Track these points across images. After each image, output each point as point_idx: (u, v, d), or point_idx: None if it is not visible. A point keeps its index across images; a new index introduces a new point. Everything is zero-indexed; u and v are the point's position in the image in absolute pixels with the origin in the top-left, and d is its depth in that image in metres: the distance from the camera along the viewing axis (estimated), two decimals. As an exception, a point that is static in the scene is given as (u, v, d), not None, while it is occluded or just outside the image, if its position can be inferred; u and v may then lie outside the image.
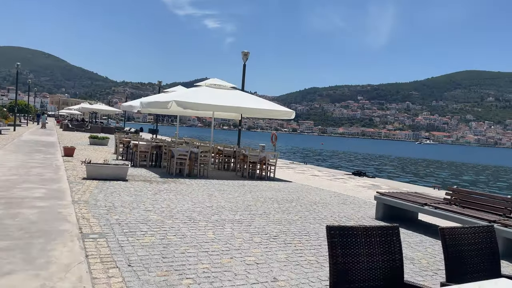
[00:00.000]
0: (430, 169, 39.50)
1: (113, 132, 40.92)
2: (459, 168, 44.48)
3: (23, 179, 8.78)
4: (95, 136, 22.07)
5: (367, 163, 41.38)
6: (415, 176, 29.87)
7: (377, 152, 72.40)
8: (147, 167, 13.19)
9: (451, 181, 26.99)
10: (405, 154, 71.16)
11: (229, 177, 12.49)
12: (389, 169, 34.94)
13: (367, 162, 42.43)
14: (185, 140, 18.90)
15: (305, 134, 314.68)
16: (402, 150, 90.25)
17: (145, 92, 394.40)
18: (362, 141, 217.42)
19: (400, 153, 72.00)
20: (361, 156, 55.95)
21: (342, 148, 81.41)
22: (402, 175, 28.49)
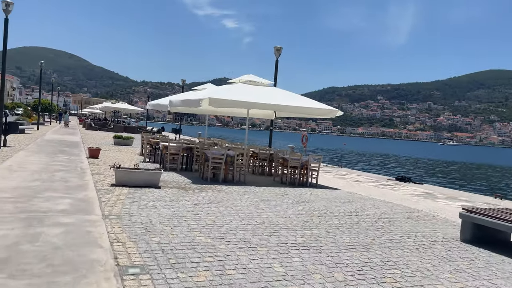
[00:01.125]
0: (470, 172, 37.50)
1: (135, 131, 40.34)
2: (501, 171, 42.20)
3: (45, 186, 7.80)
4: (119, 136, 21.24)
5: (400, 165, 39.65)
6: (461, 180, 28.12)
7: (402, 153, 70.15)
8: (178, 171, 12.15)
9: (502, 188, 25.18)
10: (433, 155, 68.72)
11: (268, 183, 11.32)
12: (424, 172, 33.17)
13: (400, 165, 40.67)
14: (213, 141, 17.85)
15: (324, 134, 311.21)
16: (428, 151, 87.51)
17: (165, 91, 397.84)
18: (383, 141, 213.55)
19: (427, 155, 69.60)
20: (390, 158, 54.05)
21: (365, 148, 79.38)
22: (444, 180, 26.79)
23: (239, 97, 10.83)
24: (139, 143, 22.83)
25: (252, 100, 10.82)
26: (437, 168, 40.15)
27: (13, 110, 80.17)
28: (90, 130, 36.75)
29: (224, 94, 10.83)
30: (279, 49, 17.76)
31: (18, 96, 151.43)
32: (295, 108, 11.48)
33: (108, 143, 21.60)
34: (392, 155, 61.70)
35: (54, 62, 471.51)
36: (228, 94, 10.91)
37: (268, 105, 11.11)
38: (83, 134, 28.72)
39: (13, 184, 7.74)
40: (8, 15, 13.58)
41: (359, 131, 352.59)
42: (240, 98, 10.74)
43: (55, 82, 68.00)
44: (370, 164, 38.87)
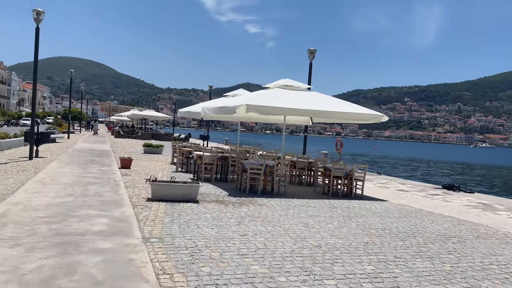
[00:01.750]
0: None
1: (163, 138, 40.34)
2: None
3: (80, 202, 7.34)
4: (149, 144, 20.96)
5: (438, 170, 38.05)
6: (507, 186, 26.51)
7: (436, 157, 67.80)
8: (212, 181, 11.58)
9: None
10: (468, 159, 66.05)
11: (309, 194, 10.59)
12: (466, 178, 31.55)
13: (438, 169, 39.04)
14: (245, 148, 17.26)
15: (350, 137, 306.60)
16: (462, 154, 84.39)
17: (189, 97, 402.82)
18: (412, 144, 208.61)
19: (462, 158, 66.99)
20: (424, 162, 52.17)
21: (396, 152, 77.27)
22: (490, 186, 25.28)
23: (277, 103, 10.18)
24: (168, 151, 22.54)
25: (290, 106, 10.15)
26: (477, 172, 38.27)
27: (44, 118, 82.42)
28: (119, 138, 36.94)
29: (261, 100, 10.20)
30: (313, 52, 17.05)
31: (49, 105, 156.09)
32: (337, 114, 10.72)
33: (138, 151, 21.36)
34: (426, 159, 59.64)
35: (82, 71, 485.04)
36: (265, 100, 10.28)
37: (307, 111, 10.42)
38: (113, 142, 28.74)
39: (47, 200, 7.32)
40: (39, 24, 13.43)
41: (386, 134, 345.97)
42: (278, 104, 10.09)
43: (84, 90, 69.38)
44: (407, 170, 37.42)
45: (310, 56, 17.07)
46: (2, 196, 7.44)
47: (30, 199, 7.28)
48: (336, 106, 10.94)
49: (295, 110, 10.10)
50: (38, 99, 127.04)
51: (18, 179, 9.59)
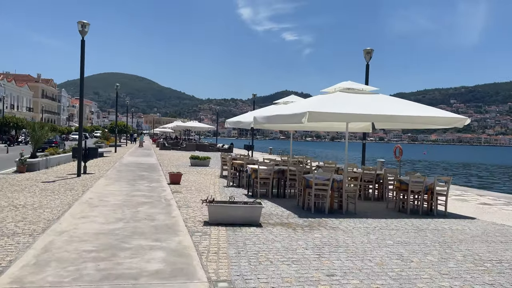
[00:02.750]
0: None
1: (207, 149, 39.93)
2: None
3: (130, 229, 6.45)
4: (195, 156, 20.26)
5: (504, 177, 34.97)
6: None
7: (494, 161, 63.26)
8: (269, 197, 10.48)
9: None
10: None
11: (382, 212, 9.24)
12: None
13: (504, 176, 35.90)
14: (298, 159, 16.07)
15: (393, 142, 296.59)
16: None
17: (228, 107, 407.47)
18: (461, 148, 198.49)
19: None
20: (483, 167, 48.57)
21: (448, 157, 73.03)
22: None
23: (341, 108, 8.94)
24: (215, 163, 21.78)
25: (357, 112, 8.89)
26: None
27: (92, 132, 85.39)
28: (164, 150, 36.86)
29: (323, 107, 8.99)
30: (370, 52, 15.69)
31: (96, 119, 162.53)
32: (413, 119, 9.29)
33: (184, 164, 20.73)
34: (483, 163, 55.71)
35: (127, 86, 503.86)
36: (328, 106, 9.06)
37: (377, 117, 9.08)
38: (158, 155, 28.45)
39: (94, 227, 6.49)
40: (84, 36, 13.02)
41: (432, 138, 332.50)
42: (344, 110, 8.85)
43: (128, 104, 70.97)
44: (467, 176, 34.66)
45: (367, 56, 15.72)
46: (47, 223, 6.71)
47: (76, 226, 6.48)
48: (410, 110, 9.53)
49: (364, 116, 8.85)
50: (86, 114, 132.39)
51: (65, 200, 8.94)
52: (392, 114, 9.08)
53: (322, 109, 8.79)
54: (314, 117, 8.62)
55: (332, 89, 10.95)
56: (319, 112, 8.67)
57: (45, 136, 16.85)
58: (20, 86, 74.27)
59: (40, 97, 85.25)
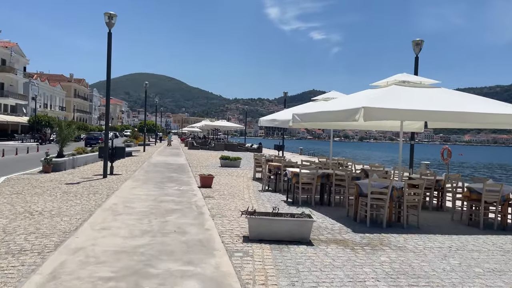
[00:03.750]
0: None
1: (235, 149, 38.98)
2: None
3: (158, 246, 5.40)
4: (226, 157, 19.24)
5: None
6: None
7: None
8: (312, 205, 9.27)
9: None
10: None
11: (448, 225, 7.86)
12: None
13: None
14: (338, 160, 14.75)
15: (425, 143, 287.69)
16: None
17: (255, 107, 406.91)
18: (497, 149, 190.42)
19: None
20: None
21: (486, 159, 69.40)
22: None
23: (403, 104, 7.62)
24: (246, 164, 20.72)
25: (422, 108, 7.55)
26: None
27: (122, 131, 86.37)
28: (192, 150, 36.17)
29: (378, 102, 7.70)
30: (419, 43, 14.13)
31: (126, 119, 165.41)
32: (489, 117, 7.79)
33: (214, 165, 19.75)
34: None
35: (156, 86, 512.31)
36: (383, 102, 7.75)
37: (448, 114, 7.68)
38: (187, 155, 27.67)
39: (116, 243, 5.48)
40: (111, 29, 12.19)
41: (466, 138, 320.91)
42: (406, 106, 7.54)
43: (158, 104, 71.13)
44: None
45: (416, 48, 14.17)
46: (62, 235, 5.75)
47: (95, 241, 5.48)
48: (484, 107, 8.06)
49: (433, 113, 7.52)
50: (116, 113, 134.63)
51: (86, 206, 8.02)
52: (470, 112, 7.64)
53: (379, 105, 7.51)
54: (370, 114, 7.34)
55: (383, 82, 9.62)
56: (377, 109, 7.39)
57: (72, 135, 16.21)
58: (53, 85, 75.80)
59: (73, 97, 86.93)
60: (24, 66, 63.94)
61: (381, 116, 7.46)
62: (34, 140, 44.12)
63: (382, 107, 7.41)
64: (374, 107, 7.38)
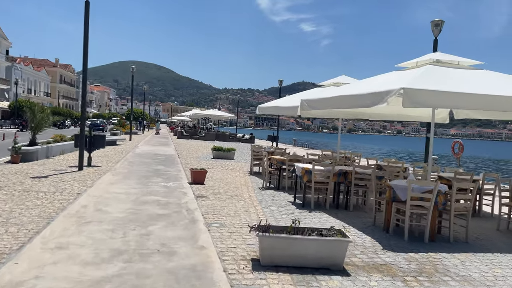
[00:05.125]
0: None
1: (227, 139, 37.22)
2: None
3: (132, 279, 3.74)
4: (219, 148, 17.54)
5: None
6: None
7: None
8: (327, 209, 7.69)
9: None
10: None
11: (498, 237, 6.35)
12: None
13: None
14: (345, 154, 13.19)
15: (411, 136, 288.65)
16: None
17: (245, 97, 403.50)
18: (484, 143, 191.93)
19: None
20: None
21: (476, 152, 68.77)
22: None
23: (448, 87, 6.03)
24: (239, 155, 19.08)
25: (475, 91, 5.98)
26: None
27: (109, 119, 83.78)
28: (182, 139, 34.32)
29: (421, 83, 6.08)
30: (439, 24, 12.56)
31: (115, 107, 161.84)
32: None
33: (205, 156, 18.06)
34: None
35: (145, 74, 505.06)
36: (426, 84, 6.12)
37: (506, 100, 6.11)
38: (176, 144, 25.87)
39: (70, 277, 3.79)
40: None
41: (452, 132, 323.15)
42: (455, 89, 5.95)
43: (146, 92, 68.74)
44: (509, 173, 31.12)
45: (435, 30, 12.58)
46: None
47: (39, 272, 3.80)
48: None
49: (493, 98, 5.92)
50: (105, 101, 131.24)
51: (46, 210, 6.31)
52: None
53: (423, 86, 5.90)
54: (411, 97, 5.75)
55: (411, 63, 8.00)
56: (421, 91, 5.79)
57: (46, 121, 14.32)
58: (37, 70, 72.75)
59: (58, 82, 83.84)
60: (7, 49, 60.92)
61: (424, 100, 5.84)
62: (14, 126, 41.81)
63: (428, 89, 5.81)
64: (417, 89, 5.78)
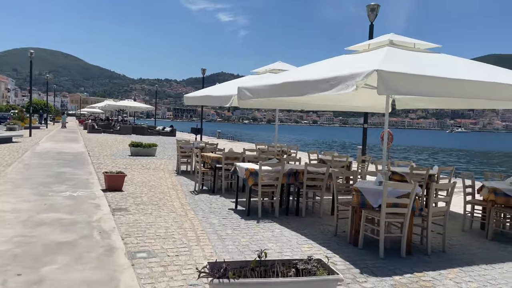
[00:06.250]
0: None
1: (145, 132, 34.52)
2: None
3: None
4: (138, 143, 15.50)
5: (460, 159, 33.95)
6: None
7: (428, 143, 64.53)
8: (276, 216, 6.49)
9: None
10: (461, 145, 62.98)
11: (470, 242, 5.68)
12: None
13: (459, 159, 34.95)
14: (281, 147, 12.14)
15: (326, 126, 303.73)
16: (452, 141, 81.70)
17: (163, 88, 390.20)
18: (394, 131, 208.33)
19: (453, 144, 63.90)
20: (426, 150, 48.31)
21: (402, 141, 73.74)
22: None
23: (421, 70, 5.13)
24: (162, 151, 17.23)
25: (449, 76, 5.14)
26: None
27: (8, 112, 74.38)
28: (93, 134, 30.96)
29: (395, 66, 5.08)
30: (375, 8, 11.98)
31: (14, 98, 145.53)
32: None
33: (122, 153, 15.91)
34: (429, 146, 56.13)
35: (50, 63, 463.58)
36: (395, 66, 5.14)
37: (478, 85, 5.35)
38: (87, 140, 22.94)
39: None
40: None
41: (361, 121, 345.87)
42: (431, 73, 5.07)
43: (52, 82, 62.05)
44: (428, 160, 33.16)
45: (371, 14, 11.98)
46: None
47: None
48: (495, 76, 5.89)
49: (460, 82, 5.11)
50: (1, 92, 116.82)
51: None
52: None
53: (400, 69, 4.90)
54: (386, 82, 4.73)
55: (364, 45, 7.04)
56: (398, 74, 4.78)
57: None
58: None
59: None
60: None
61: (401, 85, 4.85)
62: None
63: (409, 72, 4.82)
64: (393, 72, 4.76)
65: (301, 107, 10.66)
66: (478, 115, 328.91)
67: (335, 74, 5.31)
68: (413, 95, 5.11)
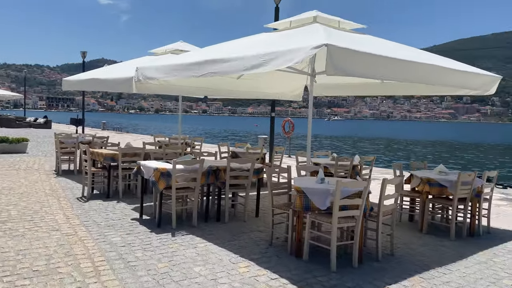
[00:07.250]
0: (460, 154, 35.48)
1: (13, 125, 29.58)
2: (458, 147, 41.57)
3: None
4: (4, 138, 12.61)
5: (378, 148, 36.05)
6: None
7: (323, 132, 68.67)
8: (194, 225, 5.33)
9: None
10: (343, 132, 68.34)
11: (417, 241, 5.30)
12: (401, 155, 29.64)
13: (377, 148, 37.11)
14: (185, 140, 10.88)
15: (215, 115, 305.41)
16: (327, 128, 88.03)
17: (33, 74, 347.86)
18: (280, 120, 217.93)
19: (337, 132, 68.99)
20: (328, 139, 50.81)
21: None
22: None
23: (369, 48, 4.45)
24: (36, 147, 14.48)
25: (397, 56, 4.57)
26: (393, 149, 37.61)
27: None
28: None
29: (344, 42, 4.29)
30: (280, -11, 11.37)
31: None
32: (443, 74, 5.34)
33: (-19, 151, 12.83)
34: (320, 134, 59.24)
35: None
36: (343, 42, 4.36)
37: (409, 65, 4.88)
38: None
39: None
40: None
41: (249, 111, 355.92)
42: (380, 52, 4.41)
43: None
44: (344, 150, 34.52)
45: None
46: None
47: None
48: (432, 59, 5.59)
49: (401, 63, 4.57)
50: None
51: None
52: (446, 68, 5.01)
53: (349, 46, 4.11)
54: (337, 59, 3.92)
55: (286, 23, 6.22)
56: (348, 51, 4.00)
57: None
58: None
59: None
60: None
61: (351, 64, 4.06)
62: None
63: (360, 50, 4.06)
64: (344, 48, 3.97)
65: (206, 93, 9.51)
66: (350, 104, 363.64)
67: (270, 49, 4.36)
68: (360, 76, 4.40)
